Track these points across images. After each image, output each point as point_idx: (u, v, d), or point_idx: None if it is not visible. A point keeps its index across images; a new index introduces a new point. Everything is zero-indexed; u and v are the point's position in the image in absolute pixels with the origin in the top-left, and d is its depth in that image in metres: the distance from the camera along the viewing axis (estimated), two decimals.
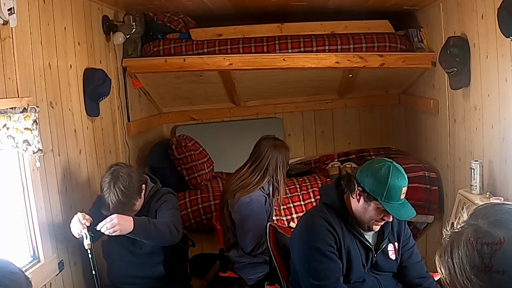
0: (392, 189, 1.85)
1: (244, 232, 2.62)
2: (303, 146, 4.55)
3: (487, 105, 2.62)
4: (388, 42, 3.48)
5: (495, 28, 2.30)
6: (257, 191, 2.63)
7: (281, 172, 2.68)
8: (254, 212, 2.59)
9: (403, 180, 1.89)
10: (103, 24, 3.03)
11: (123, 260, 2.46)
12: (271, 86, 4.10)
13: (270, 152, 2.66)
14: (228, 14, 3.59)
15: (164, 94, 4.03)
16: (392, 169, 1.88)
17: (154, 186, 2.50)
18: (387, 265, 2.04)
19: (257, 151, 2.70)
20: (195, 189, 3.60)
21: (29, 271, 2.05)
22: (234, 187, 2.67)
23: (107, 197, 2.22)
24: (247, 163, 2.73)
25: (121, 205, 2.22)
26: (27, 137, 1.97)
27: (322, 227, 1.94)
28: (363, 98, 4.44)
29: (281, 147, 2.70)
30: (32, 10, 2.16)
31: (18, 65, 2.02)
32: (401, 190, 1.87)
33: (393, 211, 1.87)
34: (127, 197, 2.24)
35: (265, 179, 2.65)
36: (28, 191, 2.12)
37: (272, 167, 2.65)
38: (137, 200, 2.33)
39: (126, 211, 2.23)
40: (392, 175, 1.86)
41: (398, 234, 2.09)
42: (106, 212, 2.22)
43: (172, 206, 2.40)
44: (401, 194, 1.88)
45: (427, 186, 3.39)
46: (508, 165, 2.42)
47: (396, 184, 1.86)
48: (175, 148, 3.60)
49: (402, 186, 1.88)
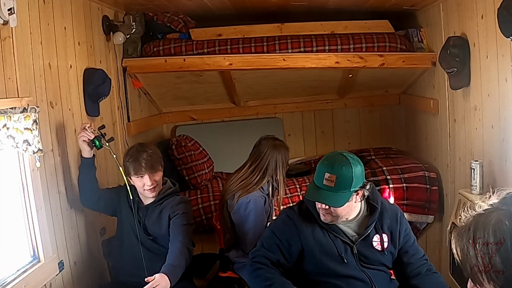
0: (316, 171, 1.94)
1: (244, 233, 2.62)
2: (303, 146, 4.56)
3: (487, 105, 2.62)
4: (388, 42, 3.48)
5: (495, 28, 2.30)
6: (256, 191, 2.63)
7: (281, 172, 2.68)
8: (254, 212, 2.59)
9: (330, 167, 1.90)
10: (103, 24, 3.03)
11: (130, 256, 2.47)
12: (271, 86, 4.10)
13: (269, 152, 2.66)
14: (228, 14, 3.59)
15: (164, 94, 4.03)
16: (328, 155, 1.98)
17: (172, 188, 2.58)
18: (372, 256, 2.02)
19: (257, 151, 2.70)
20: (195, 189, 3.60)
21: (29, 271, 2.05)
22: (234, 188, 2.67)
23: (135, 158, 2.38)
24: (246, 163, 2.73)
25: (150, 161, 2.38)
26: (27, 137, 1.97)
27: (283, 221, 2.07)
28: (363, 98, 4.45)
29: (281, 147, 2.70)
30: (32, 10, 2.16)
31: (18, 65, 2.03)
32: (322, 174, 1.91)
33: (307, 190, 1.97)
34: (154, 155, 2.42)
35: (264, 179, 2.65)
36: (28, 191, 2.12)
37: (271, 167, 2.65)
38: (160, 166, 2.46)
39: (155, 169, 2.40)
40: (323, 159, 1.96)
41: (390, 227, 2.05)
42: (136, 173, 2.37)
43: (186, 221, 2.47)
44: (323, 179, 1.90)
45: (427, 186, 3.39)
46: (508, 165, 2.42)
47: (320, 167, 1.93)
48: (175, 148, 3.60)
49: (324, 171, 1.91)
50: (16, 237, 2.12)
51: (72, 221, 2.50)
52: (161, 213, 2.48)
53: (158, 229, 2.47)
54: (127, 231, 2.49)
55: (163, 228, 2.46)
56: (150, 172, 2.39)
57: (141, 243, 2.45)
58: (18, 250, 2.12)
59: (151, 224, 2.47)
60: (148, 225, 2.47)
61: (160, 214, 2.48)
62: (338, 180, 1.88)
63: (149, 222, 2.47)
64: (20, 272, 2.03)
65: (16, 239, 2.12)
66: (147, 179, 2.39)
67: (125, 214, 2.50)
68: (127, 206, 2.50)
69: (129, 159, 2.41)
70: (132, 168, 2.39)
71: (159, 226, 2.47)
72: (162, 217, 2.47)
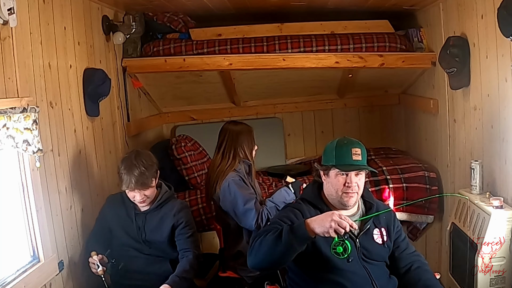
0: (339, 151, 1.99)
1: (241, 212, 2.60)
2: (303, 146, 4.56)
3: (487, 105, 2.62)
4: (388, 42, 3.48)
5: (495, 28, 2.30)
6: (231, 173, 2.67)
7: (248, 148, 2.76)
8: (238, 190, 2.61)
9: (352, 143, 2.02)
10: (103, 24, 3.03)
11: (130, 258, 2.48)
12: (271, 86, 4.10)
13: (231, 133, 2.75)
14: (228, 14, 3.59)
15: (164, 94, 4.03)
16: (340, 138, 2.05)
17: (168, 192, 2.59)
18: (374, 249, 2.04)
19: (220, 137, 2.80)
20: (195, 189, 3.59)
21: (29, 271, 2.05)
22: (213, 178, 2.72)
23: (128, 171, 2.36)
24: (215, 152, 2.80)
25: (141, 177, 2.36)
26: (27, 137, 1.97)
27: (289, 209, 2.06)
28: (363, 98, 4.45)
29: (241, 125, 2.80)
30: (32, 10, 2.16)
31: (18, 65, 2.02)
32: (350, 150, 1.99)
33: (344, 168, 1.98)
34: (147, 169, 2.38)
35: (236, 160, 2.72)
36: (28, 191, 2.12)
37: (239, 146, 2.73)
38: (153, 179, 2.43)
39: (145, 185, 2.39)
40: (338, 141, 2.03)
41: (387, 221, 2.11)
42: (126, 187, 2.37)
43: (192, 231, 2.52)
44: (352, 155, 1.99)
45: (427, 186, 3.39)
46: (508, 165, 2.42)
47: (343, 146, 2.01)
48: (175, 148, 3.60)
49: (351, 147, 2.00)
50: (16, 237, 2.11)
51: (72, 221, 2.50)
52: (161, 219, 2.50)
53: (157, 235, 2.49)
54: (123, 236, 2.50)
55: (163, 234, 2.49)
56: (140, 189, 2.39)
57: (138, 248, 2.48)
58: (18, 250, 2.11)
59: (150, 230, 2.49)
60: (147, 231, 2.49)
61: (161, 221, 2.50)
62: (362, 153, 2.02)
63: (148, 228, 2.49)
64: (20, 272, 2.03)
65: (16, 239, 2.11)
66: (137, 195, 2.41)
67: (120, 222, 2.51)
68: (122, 214, 2.51)
69: (123, 169, 2.39)
70: (123, 181, 2.39)
71: (159, 233, 2.49)
72: (163, 224, 2.49)
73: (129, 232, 2.50)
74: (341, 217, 1.75)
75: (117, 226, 2.51)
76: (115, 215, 2.52)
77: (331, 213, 1.77)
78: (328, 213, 1.79)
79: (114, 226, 2.52)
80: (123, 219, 2.51)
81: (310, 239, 1.80)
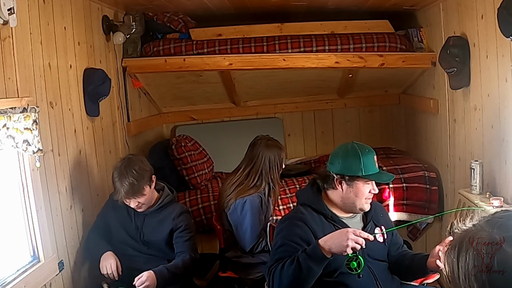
0: (366, 161, 1.99)
1: (242, 232, 2.64)
2: (303, 146, 4.56)
3: (487, 105, 2.62)
4: (388, 42, 3.48)
5: (495, 28, 2.30)
6: (253, 194, 2.66)
7: (275, 172, 2.72)
8: (250, 212, 2.61)
9: (371, 150, 2.04)
10: (103, 24, 3.03)
11: (128, 257, 2.48)
12: (271, 86, 4.10)
13: (263, 153, 2.69)
14: (228, 14, 3.59)
15: (164, 94, 4.03)
16: (357, 146, 2.03)
17: (170, 195, 2.59)
18: (377, 248, 2.06)
19: (250, 153, 2.74)
20: (195, 189, 3.59)
21: (29, 271, 2.05)
22: (229, 192, 2.69)
23: (119, 180, 2.34)
24: (241, 165, 2.76)
25: (132, 187, 2.33)
26: (27, 137, 1.97)
27: (293, 225, 1.98)
28: (363, 98, 4.44)
29: (274, 147, 2.73)
30: (32, 10, 2.16)
31: (18, 65, 2.02)
32: (374, 160, 2.02)
33: (376, 178, 2.01)
34: (138, 179, 2.34)
35: (263, 183, 2.69)
36: (28, 191, 2.12)
37: (265, 169, 2.69)
38: (146, 186, 2.40)
39: (138, 194, 2.36)
40: (360, 150, 2.00)
41: (383, 220, 2.14)
42: (117, 197, 2.36)
43: (190, 234, 2.52)
44: (375, 163, 2.02)
45: (427, 186, 3.39)
46: (508, 165, 2.42)
47: (367, 156, 2.01)
48: (175, 148, 3.60)
49: (373, 156, 2.03)
50: (16, 237, 2.11)
51: (72, 221, 2.50)
52: (160, 222, 2.51)
53: (155, 236, 2.50)
54: (122, 234, 2.51)
55: (161, 237, 2.51)
56: (131, 198, 2.38)
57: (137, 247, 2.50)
58: (18, 250, 2.12)
59: (149, 231, 2.50)
60: (146, 232, 2.50)
61: (160, 223, 2.51)
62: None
63: (147, 229, 2.50)
64: (20, 272, 2.03)
65: (16, 239, 2.12)
66: (131, 202, 2.41)
67: (120, 220, 2.52)
68: (123, 213, 2.52)
69: (116, 176, 2.38)
70: (116, 190, 2.39)
71: (157, 234, 2.50)
72: (162, 227, 2.50)
73: (128, 231, 2.51)
74: (356, 233, 1.75)
75: (116, 223, 2.53)
76: (116, 213, 2.53)
77: (346, 231, 1.76)
78: (343, 232, 1.77)
79: (114, 223, 2.53)
80: (123, 217, 2.52)
81: (327, 260, 1.80)
